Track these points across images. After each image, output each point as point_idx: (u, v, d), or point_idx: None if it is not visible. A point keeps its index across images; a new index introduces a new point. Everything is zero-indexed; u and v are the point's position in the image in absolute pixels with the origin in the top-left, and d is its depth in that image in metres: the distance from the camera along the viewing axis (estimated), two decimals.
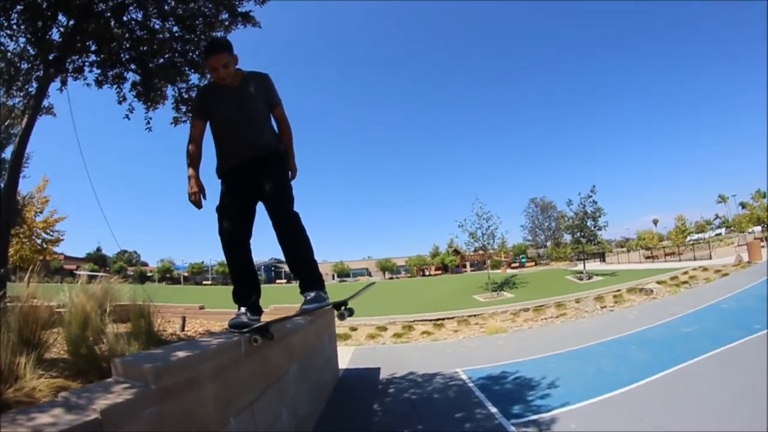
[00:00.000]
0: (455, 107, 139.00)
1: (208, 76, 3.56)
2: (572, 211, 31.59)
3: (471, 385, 6.44)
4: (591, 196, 30.23)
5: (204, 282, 65.29)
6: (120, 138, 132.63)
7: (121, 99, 8.65)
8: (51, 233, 24.41)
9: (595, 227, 30.76)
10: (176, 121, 9.12)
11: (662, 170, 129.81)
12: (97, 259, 59.70)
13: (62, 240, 25.14)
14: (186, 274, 69.03)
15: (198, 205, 3.23)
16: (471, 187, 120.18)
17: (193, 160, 3.28)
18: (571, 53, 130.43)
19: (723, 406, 4.26)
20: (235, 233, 3.30)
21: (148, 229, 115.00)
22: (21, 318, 3.43)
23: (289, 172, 3.54)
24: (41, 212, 23.76)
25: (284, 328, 3.91)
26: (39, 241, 23.81)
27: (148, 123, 8.77)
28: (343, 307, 3.15)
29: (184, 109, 9.04)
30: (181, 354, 2.28)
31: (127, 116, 8.54)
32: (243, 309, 3.24)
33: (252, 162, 3.29)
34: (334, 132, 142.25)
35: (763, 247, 29.30)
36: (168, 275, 65.91)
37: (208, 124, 3.37)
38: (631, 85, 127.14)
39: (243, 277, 3.35)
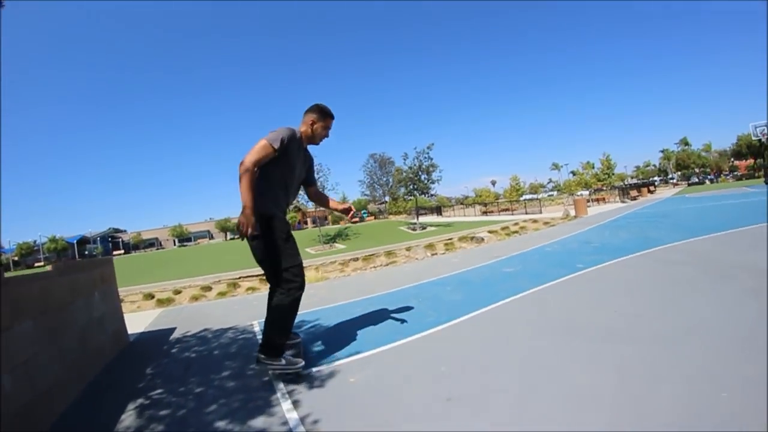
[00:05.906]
0: None
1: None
2: (407, 165, 32.29)
3: (260, 337, 5.42)
4: (428, 152, 31.27)
5: (36, 264, 57.45)
6: None
7: None
8: None
9: (428, 181, 31.69)
10: None
11: (500, 134, 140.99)
12: None
13: None
14: (16, 258, 59.79)
15: (244, 237, 3.36)
16: None
17: (254, 189, 3.33)
18: None
19: (536, 344, 3.88)
20: None
21: None
22: None
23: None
24: None
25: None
26: None
27: None
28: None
29: None
30: None
31: None
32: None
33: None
34: None
35: (589, 205, 33.20)
36: None
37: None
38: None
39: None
